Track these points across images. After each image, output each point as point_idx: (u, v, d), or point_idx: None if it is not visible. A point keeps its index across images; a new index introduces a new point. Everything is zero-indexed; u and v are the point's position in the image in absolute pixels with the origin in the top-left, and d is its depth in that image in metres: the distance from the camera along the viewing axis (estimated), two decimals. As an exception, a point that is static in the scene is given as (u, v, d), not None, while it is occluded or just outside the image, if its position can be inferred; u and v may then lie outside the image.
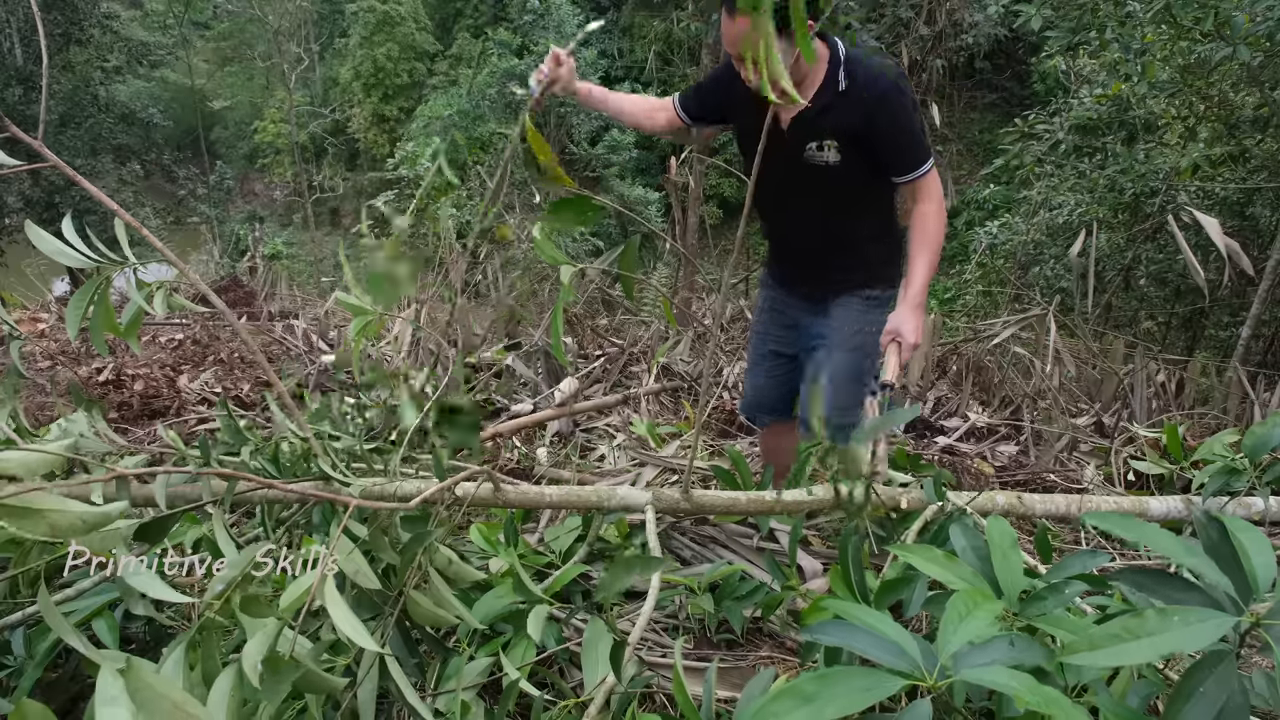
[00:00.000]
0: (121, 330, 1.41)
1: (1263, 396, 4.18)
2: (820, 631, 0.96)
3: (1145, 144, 6.59)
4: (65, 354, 4.41)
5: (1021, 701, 0.79)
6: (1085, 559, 1.21)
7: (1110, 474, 2.95)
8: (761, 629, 1.84)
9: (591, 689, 1.39)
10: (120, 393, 3.72)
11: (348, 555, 1.21)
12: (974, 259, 9.23)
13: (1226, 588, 0.90)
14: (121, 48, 15.64)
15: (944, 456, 3.39)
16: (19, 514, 0.96)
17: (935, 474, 2.20)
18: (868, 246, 2.04)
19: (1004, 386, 4.42)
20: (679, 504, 1.88)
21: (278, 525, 1.64)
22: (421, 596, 1.34)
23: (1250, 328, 5.18)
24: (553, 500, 1.87)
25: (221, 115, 26.91)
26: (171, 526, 1.30)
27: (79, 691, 1.54)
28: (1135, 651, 0.84)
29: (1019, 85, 17.43)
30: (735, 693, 1.54)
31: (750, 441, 3.31)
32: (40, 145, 1.14)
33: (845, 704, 0.79)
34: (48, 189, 13.25)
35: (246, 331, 1.65)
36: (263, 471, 1.60)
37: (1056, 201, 7.32)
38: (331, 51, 25.65)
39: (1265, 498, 2.04)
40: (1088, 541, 2.41)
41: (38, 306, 6.11)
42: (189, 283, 4.78)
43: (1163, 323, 7.27)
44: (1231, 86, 6.04)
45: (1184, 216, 5.48)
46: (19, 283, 9.01)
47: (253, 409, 3.53)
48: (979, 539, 1.22)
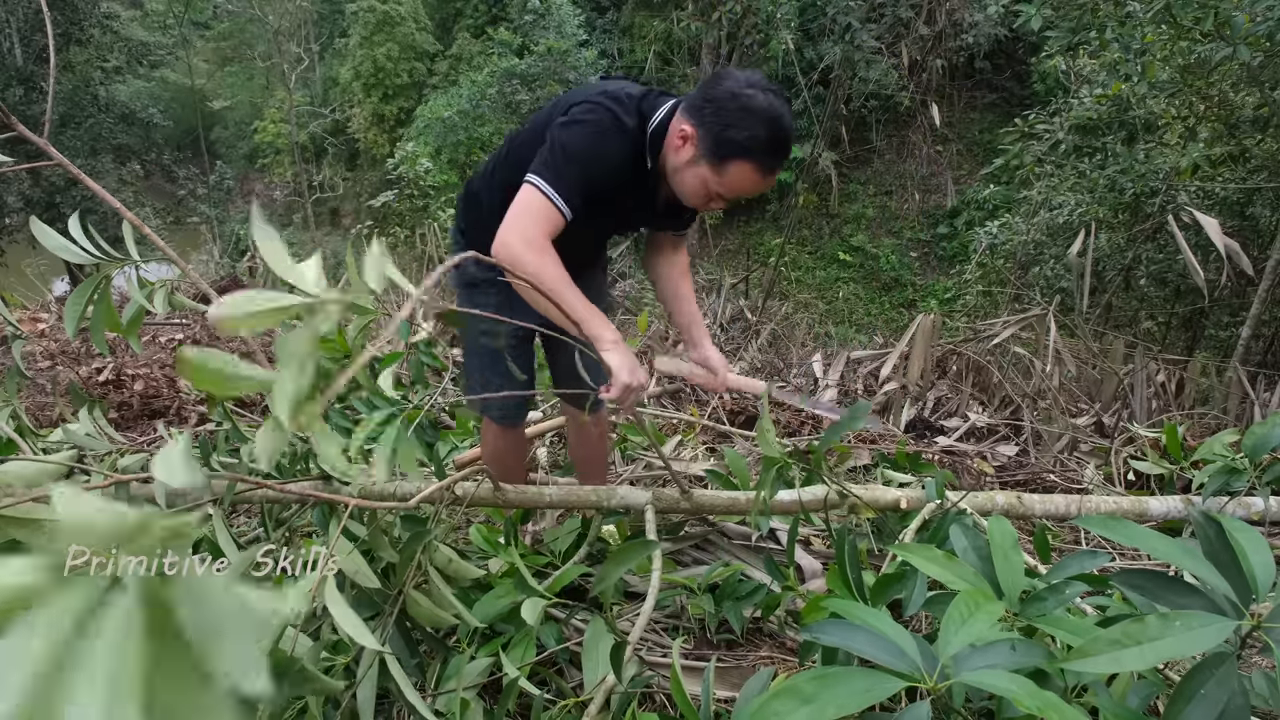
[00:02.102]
0: (123, 328, 1.41)
1: (1263, 396, 4.18)
2: (819, 631, 0.96)
3: (1145, 144, 6.59)
4: (65, 354, 4.41)
5: (1021, 705, 0.79)
6: (1085, 559, 1.21)
7: (1110, 474, 2.95)
8: (761, 629, 1.84)
9: (591, 689, 1.39)
10: (120, 393, 3.72)
11: (348, 555, 1.21)
12: (974, 259, 9.23)
13: (1226, 590, 0.90)
14: (121, 48, 15.65)
15: (944, 456, 3.39)
16: (19, 524, 0.96)
17: (936, 474, 2.21)
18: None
19: (1004, 386, 4.42)
20: (679, 504, 1.88)
21: (278, 525, 1.65)
22: (421, 596, 1.34)
23: (1250, 328, 5.18)
24: (552, 500, 1.87)
25: (221, 115, 26.91)
26: (171, 526, 1.30)
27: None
28: (1136, 657, 0.84)
29: (1019, 85, 17.42)
30: (734, 692, 1.54)
31: (752, 441, 3.31)
32: (45, 144, 1.14)
33: (845, 704, 0.79)
34: (48, 189, 13.26)
35: (246, 331, 1.65)
36: (262, 474, 1.60)
37: (1056, 201, 7.32)
38: (331, 51, 25.65)
39: (1265, 498, 2.04)
40: (1088, 541, 2.41)
41: (38, 306, 6.11)
42: (189, 282, 4.78)
43: (1163, 323, 7.26)
44: (1231, 86, 6.04)
45: (1184, 216, 5.48)
46: (19, 283, 9.01)
47: (253, 409, 3.53)
48: (979, 539, 1.22)
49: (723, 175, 1.56)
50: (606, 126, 1.59)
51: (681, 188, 1.64)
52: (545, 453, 2.94)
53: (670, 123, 1.63)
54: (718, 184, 1.58)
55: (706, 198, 1.62)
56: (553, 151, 1.58)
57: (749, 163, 1.53)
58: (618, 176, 1.64)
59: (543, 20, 16.13)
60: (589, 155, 1.58)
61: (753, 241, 17.06)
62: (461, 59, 21.74)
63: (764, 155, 1.53)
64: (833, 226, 17.43)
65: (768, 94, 1.52)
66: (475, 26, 22.47)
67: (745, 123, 1.49)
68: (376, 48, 21.89)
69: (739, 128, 1.50)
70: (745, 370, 5.09)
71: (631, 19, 19.56)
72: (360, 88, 22.43)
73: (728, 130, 1.51)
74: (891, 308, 15.62)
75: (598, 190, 1.62)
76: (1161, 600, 0.95)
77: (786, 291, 14.56)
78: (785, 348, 6.12)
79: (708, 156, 1.55)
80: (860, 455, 2.94)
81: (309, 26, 25.11)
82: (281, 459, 1.78)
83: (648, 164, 1.66)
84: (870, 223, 17.28)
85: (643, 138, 1.64)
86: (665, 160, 1.65)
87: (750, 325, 6.74)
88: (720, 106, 1.52)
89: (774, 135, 1.51)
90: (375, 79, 22.13)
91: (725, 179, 1.56)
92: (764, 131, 1.50)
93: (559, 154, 1.57)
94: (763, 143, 1.51)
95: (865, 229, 17.16)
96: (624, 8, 19.88)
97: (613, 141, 1.60)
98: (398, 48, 22.05)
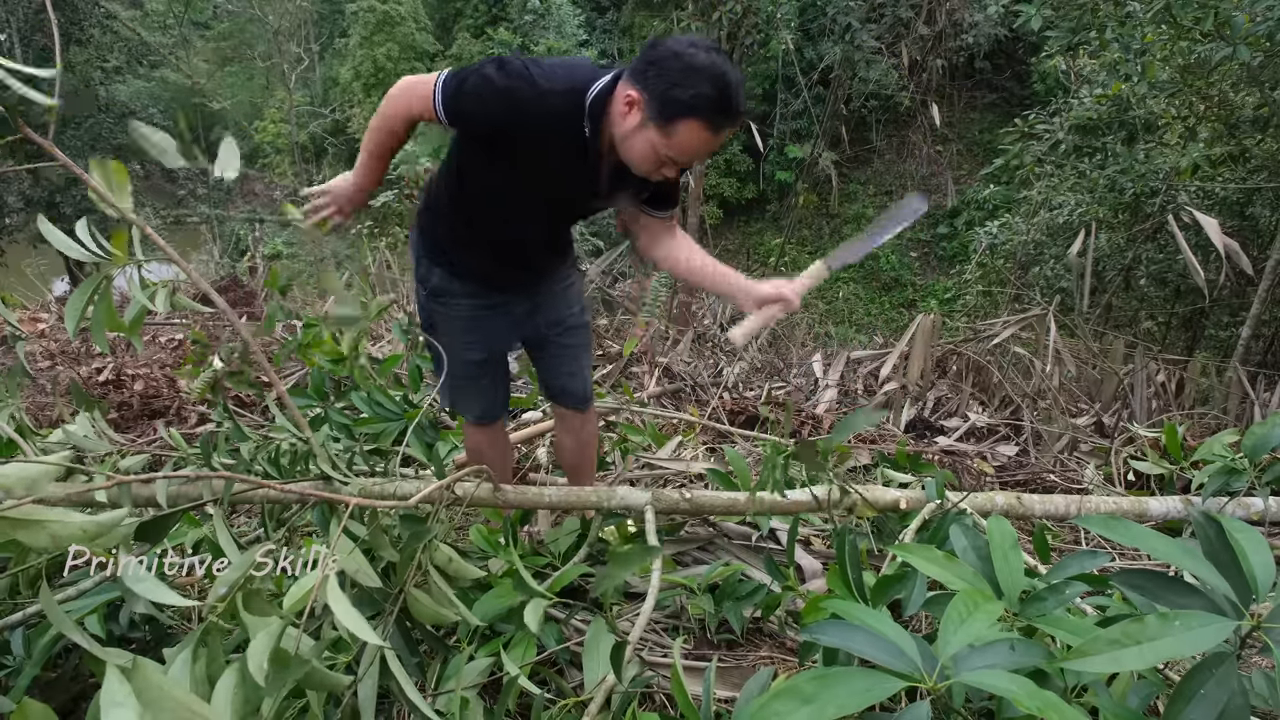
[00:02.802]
0: (125, 328, 1.41)
1: (1263, 396, 4.19)
2: (819, 631, 0.96)
3: (1145, 144, 6.59)
4: (65, 354, 4.41)
5: (1021, 705, 0.79)
6: (1085, 559, 1.21)
7: (1110, 474, 2.95)
8: (761, 629, 1.84)
9: (592, 688, 1.39)
10: (120, 393, 3.72)
11: (349, 554, 1.21)
12: (974, 259, 9.24)
13: (1226, 590, 0.90)
14: (121, 48, 15.64)
15: (944, 456, 3.39)
16: (20, 526, 0.96)
17: (936, 474, 2.21)
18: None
19: (1004, 386, 4.42)
20: (679, 504, 1.88)
21: (278, 525, 1.65)
22: (422, 594, 1.34)
23: (1250, 328, 5.18)
24: (552, 500, 1.87)
25: (221, 115, 26.92)
26: (172, 526, 1.30)
27: (80, 691, 1.54)
28: (1136, 657, 0.84)
29: (1019, 85, 17.44)
30: (735, 692, 1.54)
31: (752, 441, 3.31)
32: (49, 145, 1.14)
33: (845, 704, 0.79)
34: (48, 188, 13.25)
35: (246, 331, 1.65)
36: (262, 472, 1.60)
37: (1056, 201, 7.32)
38: (331, 51, 25.65)
39: (1265, 498, 2.04)
40: (1087, 541, 2.41)
41: (38, 306, 6.12)
42: (189, 282, 4.78)
43: (1163, 323, 7.26)
44: (1231, 86, 6.04)
45: (1184, 216, 5.48)
46: (19, 283, 9.01)
47: (253, 408, 3.53)
48: (979, 539, 1.22)
49: (670, 137, 1.54)
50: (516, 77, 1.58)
51: (630, 155, 1.61)
52: (545, 453, 2.94)
53: (614, 91, 1.60)
54: (666, 146, 1.55)
55: (657, 163, 1.60)
56: (468, 73, 1.61)
57: (696, 120, 1.51)
58: (525, 132, 1.61)
59: (543, 20, 16.14)
60: (490, 97, 1.58)
61: (753, 241, 17.08)
62: (461, 59, 21.73)
63: (711, 113, 1.51)
64: (833, 226, 17.44)
65: (710, 53, 1.50)
66: (475, 26, 22.47)
67: (690, 81, 1.47)
68: (376, 48, 21.89)
69: (684, 86, 1.48)
70: (745, 370, 5.09)
71: (631, 19, 19.56)
72: (360, 88, 22.43)
73: (673, 90, 1.48)
74: (891, 308, 15.63)
75: (497, 130, 1.61)
76: (1161, 600, 0.95)
77: (786, 291, 14.50)
78: (785, 348, 6.13)
79: (655, 119, 1.53)
80: (860, 455, 2.94)
81: (309, 26, 25.10)
82: (281, 459, 1.79)
83: (584, 131, 1.62)
84: (870, 223, 17.28)
85: (577, 107, 1.60)
86: (612, 129, 1.62)
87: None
88: (663, 68, 1.50)
89: (721, 92, 1.49)
90: (375, 79, 22.13)
91: (673, 140, 1.54)
92: (709, 88, 1.48)
93: (471, 76, 1.60)
94: (709, 100, 1.49)
95: (865, 229, 17.15)
96: (624, 8, 19.89)
97: (522, 97, 1.58)
98: (398, 48, 22.05)
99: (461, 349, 1.94)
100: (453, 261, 1.90)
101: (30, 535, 0.96)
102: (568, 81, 1.59)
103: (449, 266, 1.90)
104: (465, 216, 1.83)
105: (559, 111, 1.60)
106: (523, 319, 2.00)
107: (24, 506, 0.96)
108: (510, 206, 1.77)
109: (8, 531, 0.95)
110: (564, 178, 1.72)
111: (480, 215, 1.81)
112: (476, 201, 1.79)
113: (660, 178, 1.67)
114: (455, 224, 1.86)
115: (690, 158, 1.59)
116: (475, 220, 1.82)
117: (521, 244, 1.87)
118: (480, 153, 1.72)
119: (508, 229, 1.83)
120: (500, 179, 1.73)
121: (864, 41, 8.21)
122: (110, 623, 1.52)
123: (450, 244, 1.89)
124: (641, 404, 3.66)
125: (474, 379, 2.01)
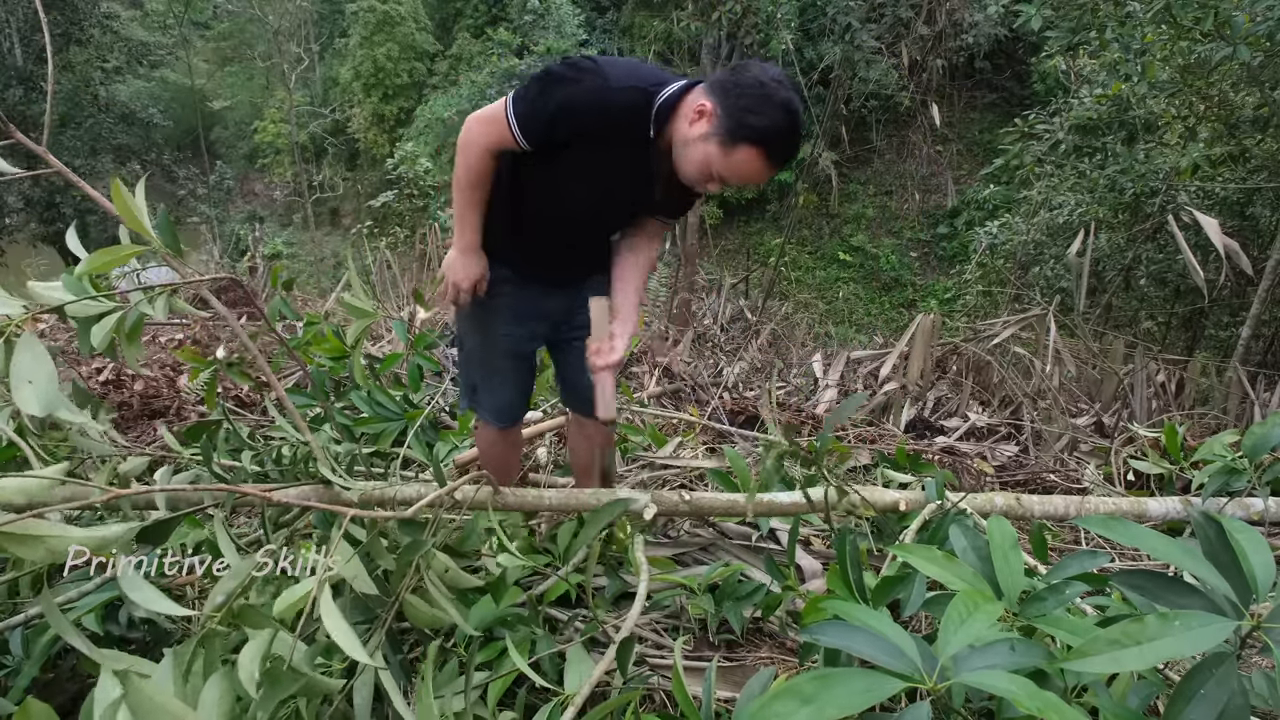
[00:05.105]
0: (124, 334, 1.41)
1: (1263, 396, 4.19)
2: (819, 632, 0.96)
3: (1145, 144, 6.59)
4: (65, 353, 4.41)
5: (1021, 705, 0.79)
6: (1085, 559, 1.21)
7: (1110, 474, 2.95)
8: (761, 629, 1.84)
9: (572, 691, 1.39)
10: (120, 393, 3.72)
11: (347, 561, 1.21)
12: (974, 259, 9.24)
13: (1225, 590, 0.90)
14: (121, 48, 15.64)
15: (944, 456, 3.39)
16: (18, 540, 0.96)
17: (936, 474, 2.20)
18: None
19: (1004, 386, 4.42)
20: (678, 505, 1.88)
21: (278, 527, 1.65)
22: (419, 600, 1.34)
23: (1250, 328, 5.18)
24: (552, 503, 1.87)
25: (221, 115, 26.89)
26: (174, 528, 1.30)
27: (79, 690, 1.54)
28: (1136, 657, 0.84)
29: (1019, 85, 17.43)
30: (735, 692, 1.54)
31: (753, 441, 3.31)
32: (44, 151, 1.14)
33: (845, 704, 0.79)
34: (48, 189, 13.25)
35: (245, 332, 1.65)
36: (262, 476, 1.60)
37: (1056, 201, 7.32)
38: (331, 51, 25.64)
39: (1265, 498, 2.04)
40: (1087, 541, 2.41)
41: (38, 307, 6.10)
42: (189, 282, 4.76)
43: (1163, 323, 7.26)
44: (1231, 86, 6.04)
45: (1184, 216, 5.48)
46: (19, 283, 9.00)
47: (252, 409, 3.53)
48: (979, 539, 1.22)
49: (730, 156, 1.58)
50: (586, 72, 1.61)
51: (683, 161, 1.65)
52: (545, 452, 2.94)
53: (683, 97, 1.64)
54: (722, 164, 1.59)
55: (706, 176, 1.64)
56: (529, 82, 1.63)
57: (760, 149, 1.56)
58: (597, 127, 1.64)
59: (542, 20, 16.13)
60: (564, 96, 1.60)
61: (753, 241, 17.06)
62: (461, 59, 21.73)
63: (775, 146, 1.57)
64: (833, 226, 17.43)
65: (791, 92, 1.57)
66: (475, 26, 22.46)
67: (766, 111, 1.53)
68: (376, 48, 21.87)
69: (759, 114, 1.53)
70: (745, 369, 5.09)
71: (631, 19, 19.55)
72: (360, 88, 22.42)
73: (748, 114, 1.53)
74: (891, 308, 15.62)
75: (575, 132, 1.63)
76: (1161, 600, 0.95)
77: (786, 291, 14.56)
78: (785, 348, 6.13)
79: (721, 135, 1.57)
80: (860, 455, 2.94)
81: (309, 26, 25.10)
82: (282, 461, 1.79)
83: (650, 132, 1.66)
84: (870, 223, 17.28)
85: (646, 105, 1.64)
86: (673, 133, 1.65)
87: (750, 325, 6.75)
88: (745, 91, 1.55)
89: (790, 130, 1.56)
90: (375, 79, 22.12)
91: (731, 159, 1.58)
92: (783, 124, 1.54)
93: (534, 84, 1.62)
94: (778, 135, 1.55)
95: (865, 229, 17.16)
96: (624, 8, 19.88)
97: (594, 90, 1.60)
98: (398, 48, 22.04)
99: (499, 339, 1.97)
100: (501, 249, 1.91)
101: (28, 550, 0.96)
102: (634, 79, 1.64)
103: (497, 255, 1.92)
104: (517, 208, 1.85)
105: (627, 106, 1.64)
106: (559, 319, 2.02)
107: (22, 522, 0.96)
108: (563, 202, 1.78)
109: (5, 547, 0.95)
110: (619, 175, 1.75)
111: (532, 208, 1.82)
112: (529, 194, 1.80)
113: (703, 190, 1.71)
114: (507, 214, 1.87)
115: (739, 181, 1.63)
116: (526, 212, 1.83)
117: (568, 241, 1.90)
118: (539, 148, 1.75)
119: (557, 224, 1.86)
120: (555, 172, 1.76)
121: (864, 41, 8.21)
122: (110, 623, 1.52)
123: (501, 232, 1.90)
124: (641, 404, 3.66)
125: (504, 373, 2.02)
